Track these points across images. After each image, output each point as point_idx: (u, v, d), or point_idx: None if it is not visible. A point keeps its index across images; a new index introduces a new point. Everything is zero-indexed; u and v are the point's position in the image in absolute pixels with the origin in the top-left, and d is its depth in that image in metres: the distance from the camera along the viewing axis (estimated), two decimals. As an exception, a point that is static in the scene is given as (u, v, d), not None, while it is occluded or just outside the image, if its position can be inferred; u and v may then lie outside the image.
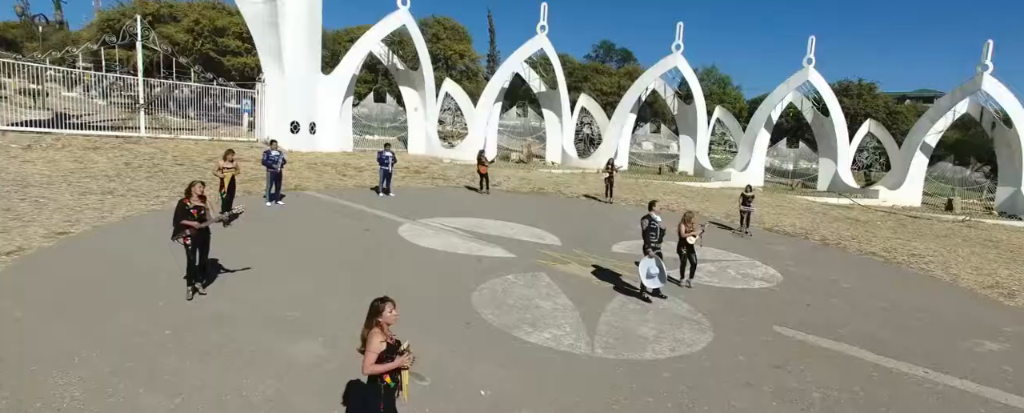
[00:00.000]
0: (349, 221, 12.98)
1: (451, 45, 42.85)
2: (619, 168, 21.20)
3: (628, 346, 7.19)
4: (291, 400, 5.25)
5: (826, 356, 7.52)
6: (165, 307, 7.05)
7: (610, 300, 8.92)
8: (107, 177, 15.25)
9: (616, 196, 21.11)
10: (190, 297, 7.33)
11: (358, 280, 8.84)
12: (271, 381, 5.51)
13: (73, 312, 6.73)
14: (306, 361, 5.95)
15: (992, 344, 8.54)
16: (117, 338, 6.11)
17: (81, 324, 6.43)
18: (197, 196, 7.26)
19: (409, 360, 4.08)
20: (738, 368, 6.87)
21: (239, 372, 5.64)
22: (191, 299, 7.33)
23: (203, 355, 5.93)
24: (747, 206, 15.85)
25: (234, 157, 11.54)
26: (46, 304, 6.90)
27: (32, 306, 6.80)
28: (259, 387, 5.39)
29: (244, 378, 5.54)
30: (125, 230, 10.55)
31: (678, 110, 33.40)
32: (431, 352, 6.54)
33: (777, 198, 26.01)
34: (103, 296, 7.26)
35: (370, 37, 27.10)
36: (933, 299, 10.93)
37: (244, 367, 5.75)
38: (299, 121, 26.58)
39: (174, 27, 34.53)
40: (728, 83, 54.76)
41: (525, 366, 6.42)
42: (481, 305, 8.16)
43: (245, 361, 5.88)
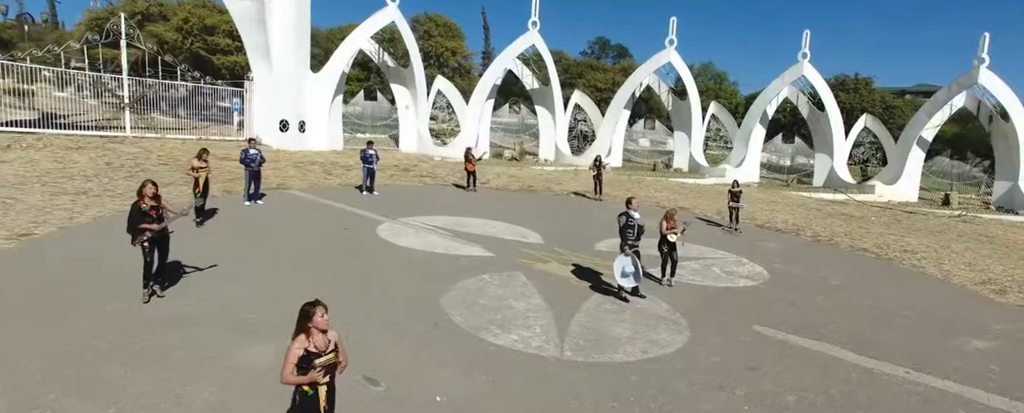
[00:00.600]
0: (328, 220, 12.74)
1: (443, 42, 42.52)
2: (607, 165, 20.92)
3: (599, 348, 6.94)
4: (234, 406, 5.01)
5: (806, 357, 7.27)
6: (118, 310, 6.81)
7: (586, 300, 8.68)
8: (85, 177, 15.01)
9: (606, 193, 20.83)
10: (147, 300, 7.09)
11: (328, 280, 8.60)
12: (215, 388, 5.27)
13: (17, 317, 6.49)
14: (258, 366, 5.71)
15: (979, 342, 8.28)
16: (59, 344, 5.87)
17: (22, 329, 6.18)
18: (149, 197, 7.01)
19: (322, 375, 3.81)
20: (712, 370, 6.61)
21: (183, 378, 5.40)
22: (148, 302, 7.09)
23: (148, 360, 5.69)
24: (735, 202, 15.59)
25: (207, 156, 11.28)
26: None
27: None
28: (202, 394, 5.15)
29: (187, 385, 5.30)
30: (93, 231, 10.31)
31: (673, 106, 33.11)
32: (392, 354, 6.31)
33: (772, 194, 25.74)
34: (54, 300, 7.02)
35: (359, 34, 26.83)
36: (923, 296, 10.66)
37: (190, 373, 5.51)
38: (288, 119, 26.35)
39: (163, 26, 34.26)
40: (725, 79, 54.46)
41: (488, 370, 6.17)
42: (452, 306, 7.91)
43: (192, 366, 5.64)
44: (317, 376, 3.88)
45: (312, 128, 27.04)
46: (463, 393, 5.63)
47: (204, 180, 11.03)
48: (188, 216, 8.27)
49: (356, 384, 5.58)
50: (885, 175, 30.44)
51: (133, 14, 34.03)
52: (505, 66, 31.39)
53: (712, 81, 52.75)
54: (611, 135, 31.58)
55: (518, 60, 31.66)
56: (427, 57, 40.92)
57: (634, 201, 9.14)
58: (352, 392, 5.45)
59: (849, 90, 46.87)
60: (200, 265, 8.63)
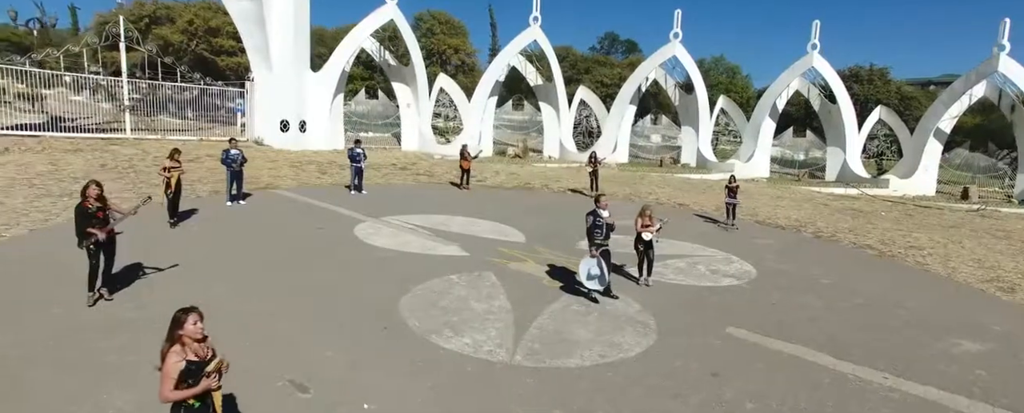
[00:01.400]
0: (307, 220, 12.57)
1: (445, 40, 42.26)
2: (603, 161, 20.49)
3: (554, 352, 6.61)
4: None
5: (777, 361, 6.86)
6: (59, 314, 6.67)
7: (555, 301, 8.34)
8: (73, 179, 15.05)
9: (603, 190, 20.43)
10: (92, 303, 6.94)
11: (288, 281, 8.40)
12: (134, 393, 5.06)
13: (-40, 320, 6.38)
14: (183, 373, 5.48)
15: (972, 344, 7.76)
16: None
17: (-40, 333, 6.07)
18: (94, 198, 6.85)
19: (216, 382, 3.57)
20: (671, 376, 6.24)
21: (106, 384, 5.21)
22: (93, 305, 6.94)
23: (75, 367, 5.51)
24: (732, 198, 15.09)
25: (179, 156, 11.18)
26: (-63, 312, 6.57)
27: (-79, 314, 6.48)
28: (117, 402, 4.95)
29: (108, 392, 5.11)
30: (62, 233, 10.19)
31: (680, 101, 32.47)
32: (332, 359, 6.07)
33: (780, 189, 25.04)
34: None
35: (358, 33, 26.71)
36: (920, 294, 10.12)
37: (114, 379, 5.32)
38: (288, 119, 26.37)
39: (169, 28, 34.62)
40: (737, 72, 53.26)
41: (430, 375, 5.89)
42: (409, 307, 7.64)
43: (119, 372, 5.45)
44: (212, 382, 3.64)
45: (313, 128, 27.02)
46: (397, 401, 5.35)
47: (176, 180, 10.91)
48: (135, 214, 7.89)
49: (282, 390, 5.35)
50: (900, 169, 29.46)
51: (140, 17, 34.44)
52: (508, 63, 31.07)
53: (724, 75, 51.71)
54: (616, 131, 31.04)
55: (521, 56, 31.33)
56: (430, 55, 40.75)
57: (603, 199, 8.77)
58: (276, 399, 5.22)
59: (863, 81, 45.50)
60: (161, 266, 8.49)
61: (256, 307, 7.32)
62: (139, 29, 35.95)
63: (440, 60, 41.11)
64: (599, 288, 8.22)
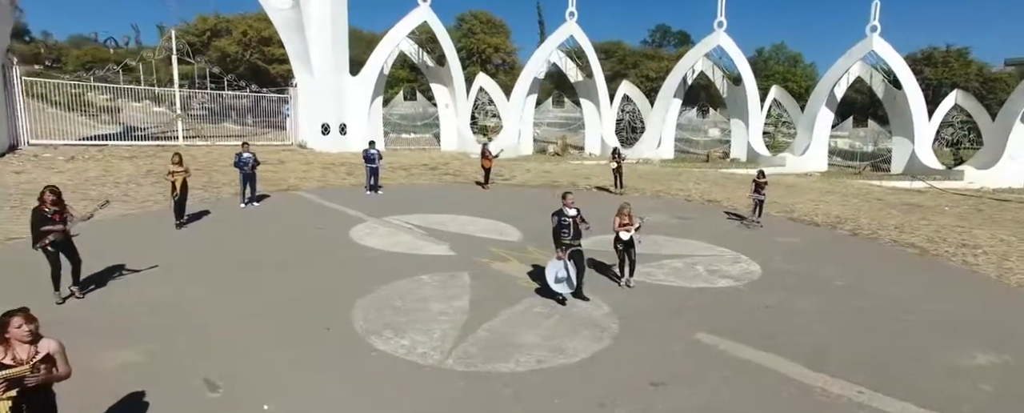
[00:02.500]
0: (312, 220, 12.81)
1: (485, 39, 42.26)
2: (625, 157, 19.75)
3: (490, 356, 6.32)
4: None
5: (739, 370, 6.26)
6: (41, 311, 7.01)
7: (519, 302, 8.02)
8: (115, 183, 16.11)
9: (631, 186, 19.78)
10: (61, 301, 7.30)
11: (261, 282, 8.53)
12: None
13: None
14: (100, 368, 5.63)
15: (986, 356, 6.80)
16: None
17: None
18: (50, 202, 7.18)
19: (2, 389, 3.51)
20: (608, 384, 5.81)
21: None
22: (62, 303, 7.29)
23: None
24: (759, 193, 14.12)
25: (182, 160, 11.66)
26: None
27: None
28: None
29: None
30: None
31: (728, 92, 30.97)
32: (260, 359, 6.06)
33: (832, 184, 23.34)
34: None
35: (393, 35, 27.18)
36: (952, 298, 9.03)
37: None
38: (329, 122, 27.18)
39: (227, 40, 36.68)
40: (799, 60, 50.07)
41: (348, 377, 5.76)
42: (364, 308, 7.55)
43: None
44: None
45: (352, 130, 27.71)
46: (302, 402, 5.25)
47: (181, 183, 11.39)
48: (90, 218, 8.06)
49: (193, 388, 5.37)
50: (979, 158, 26.77)
51: (203, 31, 36.58)
52: (547, 59, 30.72)
53: (785, 63, 48.76)
54: (660, 125, 30.04)
55: (561, 52, 30.89)
56: (470, 55, 40.86)
57: (569, 197, 8.35)
58: (181, 396, 5.25)
59: (937, 64, 41.49)
60: (142, 266, 8.84)
61: (216, 307, 7.46)
62: (202, 42, 38.42)
63: (480, 60, 41.22)
64: (567, 291, 7.83)
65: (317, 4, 25.75)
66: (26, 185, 15.70)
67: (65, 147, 21.66)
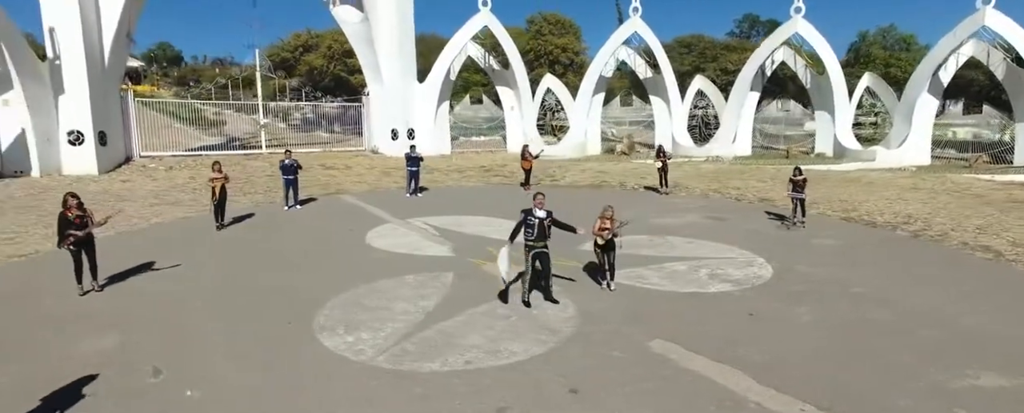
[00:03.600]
0: (339, 222, 13.51)
1: (552, 40, 41.89)
2: (671, 156, 18.83)
3: (424, 355, 6.42)
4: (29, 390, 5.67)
5: (678, 380, 5.89)
6: (51, 302, 8.08)
7: (486, 303, 8.04)
8: (193, 189, 17.98)
9: (684, 185, 18.96)
10: (83, 293, 8.33)
11: (262, 281, 9.18)
12: (20, 368, 6.01)
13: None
14: (78, 354, 6.38)
15: (994, 378, 5.89)
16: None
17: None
18: (75, 207, 8.20)
19: None
20: (520, 389, 5.70)
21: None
22: (84, 295, 8.33)
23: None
24: (797, 192, 13.02)
25: (221, 168, 12.77)
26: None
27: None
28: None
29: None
30: (132, 234, 12.36)
31: (811, 82, 28.63)
32: (215, 350, 6.58)
33: (925, 179, 20.85)
34: (18, 287, 8.60)
35: (455, 42, 27.91)
36: (987, 311, 7.85)
37: (15, 357, 6.35)
38: (397, 128, 28.43)
39: (315, 54, 39.51)
40: (912, 43, 44.50)
41: (280, 369, 6.10)
42: (334, 305, 7.92)
43: (22, 351, 6.47)
44: None
45: (420, 135, 28.76)
46: (221, 388, 5.66)
47: (220, 189, 12.51)
48: (104, 224, 8.91)
49: (139, 373, 5.95)
50: None
51: (296, 47, 39.64)
52: (615, 57, 30.11)
53: (895, 47, 43.83)
54: (735, 121, 28.38)
55: (630, 49, 30.15)
56: (537, 56, 40.80)
57: (539, 197, 8.24)
58: (130, 379, 5.84)
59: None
60: (166, 264, 9.85)
61: (205, 303, 8.14)
62: (294, 57, 41.71)
63: (547, 61, 41.04)
64: (506, 279, 7.77)
65: (384, 16, 27.06)
66: (125, 191, 17.97)
67: (168, 158, 24.46)
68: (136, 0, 22.85)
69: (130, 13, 22.71)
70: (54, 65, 20.58)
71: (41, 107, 20.20)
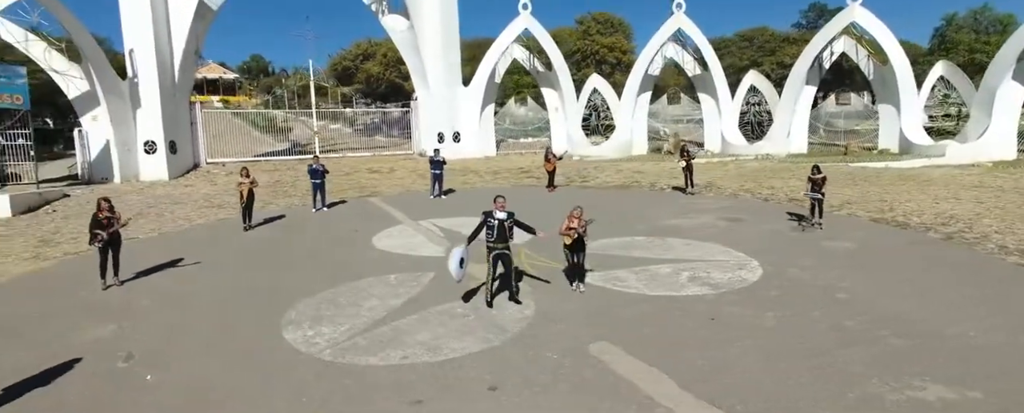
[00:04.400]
0: (359, 224, 14.18)
1: (599, 39, 41.21)
2: (695, 155, 18.23)
3: (368, 350, 6.78)
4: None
5: (598, 382, 5.91)
6: (84, 293, 9.15)
7: (449, 302, 8.31)
8: (234, 192, 19.36)
9: (716, 185, 18.40)
10: (105, 287, 9.37)
11: (253, 278, 9.92)
12: (28, 353, 6.92)
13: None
14: (77, 341, 7.25)
15: (944, 391, 5.52)
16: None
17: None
18: (105, 210, 9.25)
19: None
20: (442, 385, 5.93)
21: (20, 347, 7.20)
22: (106, 289, 9.36)
23: (14, 332, 7.66)
24: (815, 192, 12.38)
25: (248, 173, 13.78)
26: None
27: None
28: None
29: (16, 352, 7.07)
30: (170, 233, 13.60)
31: (874, 74, 26.76)
32: (188, 340, 7.27)
33: (996, 176, 19.06)
34: (65, 283, 9.77)
35: (497, 45, 28.33)
36: (980, 320, 7.26)
37: (29, 343, 7.29)
38: (443, 131, 29.25)
39: (372, 62, 41.26)
40: (1008, 24, 39.76)
41: (230, 358, 6.66)
42: (309, 302, 8.41)
43: (34, 338, 7.42)
44: None
45: (465, 138, 29.47)
46: (177, 374, 6.26)
47: (247, 193, 13.53)
48: (126, 225, 9.84)
49: (116, 357, 6.70)
50: None
51: (356, 55, 41.58)
52: (662, 55, 29.51)
53: (986, 30, 39.72)
54: (789, 116, 27.03)
55: (678, 46, 29.44)
56: (584, 56, 40.39)
57: (500, 200, 8.43)
58: (105, 363, 6.59)
59: None
60: (188, 262, 10.84)
61: (200, 299, 8.90)
62: (355, 65, 43.73)
63: (595, 60, 40.50)
64: (456, 278, 7.96)
65: (429, 22, 27.97)
66: (184, 195, 19.70)
67: (230, 164, 26.47)
68: (202, 21, 24.92)
69: (197, 33, 24.82)
70: (132, 83, 22.87)
71: (122, 121, 22.51)
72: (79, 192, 19.87)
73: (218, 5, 25.38)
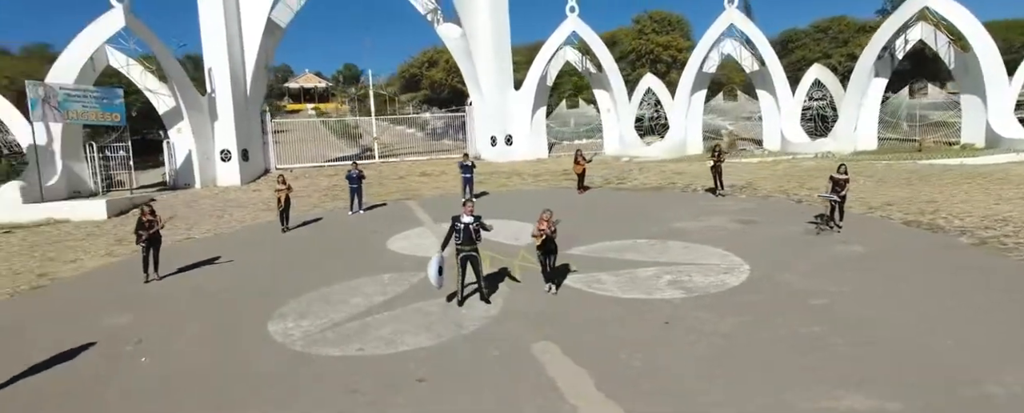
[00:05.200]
0: (381, 226, 15.04)
1: (654, 38, 39.94)
2: (725, 156, 17.53)
3: (335, 341, 7.43)
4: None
5: (514, 380, 6.22)
6: (131, 286, 10.53)
7: (423, 301, 8.84)
8: (302, 196, 20.92)
9: (754, 186, 17.79)
10: (147, 281, 10.74)
11: (269, 276, 10.96)
12: (54, 340, 8.16)
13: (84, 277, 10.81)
14: (100, 326, 8.45)
15: (864, 400, 5.39)
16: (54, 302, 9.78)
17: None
18: (148, 213, 10.62)
19: None
20: (380, 375, 6.47)
21: (51, 329, 8.49)
22: (148, 282, 10.71)
23: (66, 315, 9.02)
24: (834, 193, 11.81)
25: (285, 180, 15.02)
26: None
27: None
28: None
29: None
30: (222, 234, 15.10)
31: (955, 63, 24.54)
32: (182, 329, 8.26)
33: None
34: (123, 274, 11.26)
35: (547, 48, 28.58)
36: (962, 326, 6.85)
37: (57, 326, 8.58)
38: (496, 135, 29.92)
39: (436, 69, 42.71)
40: None
41: (217, 343, 7.55)
42: (304, 298, 9.21)
43: (63, 324, 8.70)
44: None
45: (518, 141, 29.98)
46: (168, 358, 7.22)
47: (284, 198, 14.78)
48: (164, 226, 11.00)
49: (124, 341, 7.79)
50: None
51: (422, 63, 43.29)
52: (720, 51, 28.61)
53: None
54: (857, 111, 25.38)
55: (735, 42, 28.44)
56: (639, 56, 39.48)
57: (469, 205, 8.87)
58: (114, 346, 7.68)
59: None
60: (223, 260, 12.10)
61: (216, 293, 9.99)
62: (421, 72, 45.50)
63: (649, 60, 39.43)
64: (435, 285, 8.45)
65: (480, 29, 28.76)
66: (247, 199, 21.59)
67: (297, 169, 28.54)
68: (271, 38, 27.09)
69: (266, 49, 27.03)
70: (210, 98, 25.31)
71: (202, 132, 24.95)
72: (164, 197, 22.29)
73: (286, 22, 27.49)
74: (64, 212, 18.59)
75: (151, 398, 6.23)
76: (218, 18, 24.62)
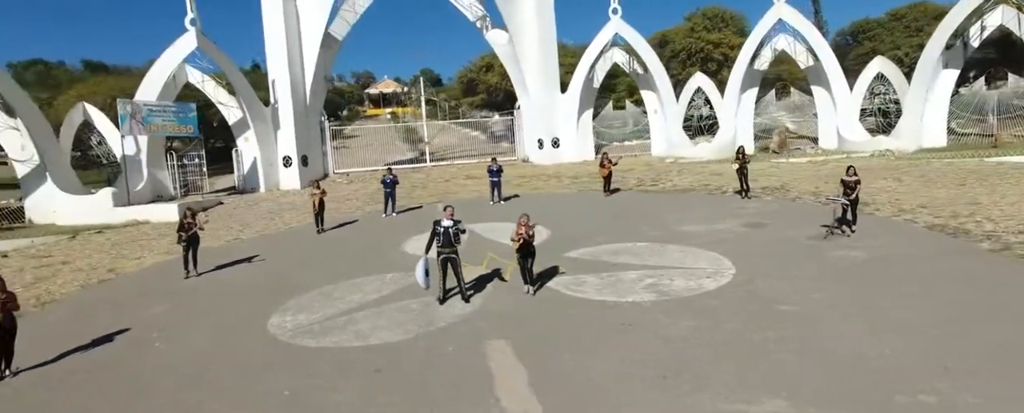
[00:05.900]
0: (411, 229, 15.90)
1: (704, 36, 38.39)
2: (750, 158, 16.99)
3: (319, 334, 8.20)
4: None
5: (456, 373, 6.76)
6: (173, 281, 11.92)
7: (409, 298, 9.47)
8: (348, 199, 22.39)
9: (787, 187, 17.25)
10: (186, 277, 12.09)
11: (294, 272, 11.97)
12: (95, 328, 9.48)
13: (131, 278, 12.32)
14: (141, 314, 9.72)
15: (782, 405, 5.52)
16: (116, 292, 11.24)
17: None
18: (188, 217, 11.98)
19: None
20: (341, 366, 7.17)
21: (79, 315, 9.83)
22: (187, 278, 12.06)
23: (100, 303, 10.40)
24: (846, 196, 11.42)
25: (320, 185, 16.19)
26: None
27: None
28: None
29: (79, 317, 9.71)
30: (267, 235, 16.51)
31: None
32: (198, 318, 9.36)
33: None
34: (165, 272, 12.73)
35: (591, 51, 28.67)
36: (921, 333, 6.69)
37: (94, 314, 9.91)
38: (542, 138, 30.36)
39: (492, 73, 43.62)
40: None
41: (218, 332, 8.54)
42: (311, 294, 10.16)
43: (100, 312, 10.02)
44: None
45: (564, 143, 30.26)
46: (178, 343, 8.27)
47: (318, 202, 15.96)
48: (203, 228, 12.15)
49: (149, 328, 8.96)
50: None
51: (480, 67, 44.40)
52: (772, 48, 27.61)
53: None
54: (921, 105, 23.76)
55: (790, 38, 27.36)
56: (690, 55, 38.25)
57: (448, 210, 9.42)
58: (139, 332, 8.86)
59: None
60: (256, 258, 13.36)
61: (240, 287, 11.12)
62: (478, 77, 46.62)
63: (700, 58, 38.05)
64: (422, 286, 9.05)
65: (527, 34, 29.32)
66: (301, 202, 23.21)
67: (354, 173, 30.22)
68: (328, 51, 28.90)
69: (325, 61, 28.88)
70: (274, 108, 27.41)
71: (266, 140, 27.07)
72: (231, 200, 24.42)
73: (342, 36, 29.23)
74: (145, 214, 20.94)
75: (142, 378, 7.24)
76: (280, 34, 26.62)
